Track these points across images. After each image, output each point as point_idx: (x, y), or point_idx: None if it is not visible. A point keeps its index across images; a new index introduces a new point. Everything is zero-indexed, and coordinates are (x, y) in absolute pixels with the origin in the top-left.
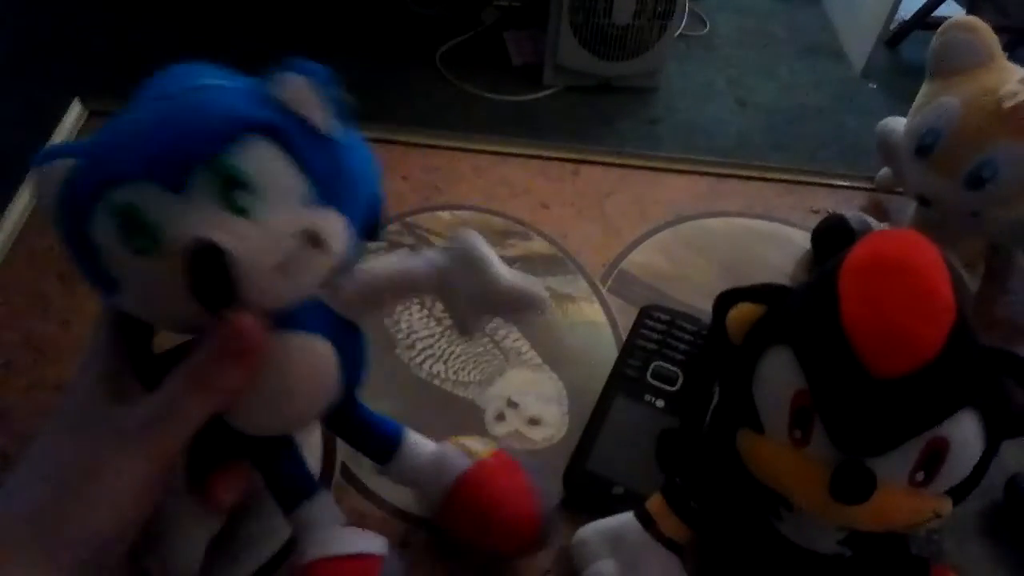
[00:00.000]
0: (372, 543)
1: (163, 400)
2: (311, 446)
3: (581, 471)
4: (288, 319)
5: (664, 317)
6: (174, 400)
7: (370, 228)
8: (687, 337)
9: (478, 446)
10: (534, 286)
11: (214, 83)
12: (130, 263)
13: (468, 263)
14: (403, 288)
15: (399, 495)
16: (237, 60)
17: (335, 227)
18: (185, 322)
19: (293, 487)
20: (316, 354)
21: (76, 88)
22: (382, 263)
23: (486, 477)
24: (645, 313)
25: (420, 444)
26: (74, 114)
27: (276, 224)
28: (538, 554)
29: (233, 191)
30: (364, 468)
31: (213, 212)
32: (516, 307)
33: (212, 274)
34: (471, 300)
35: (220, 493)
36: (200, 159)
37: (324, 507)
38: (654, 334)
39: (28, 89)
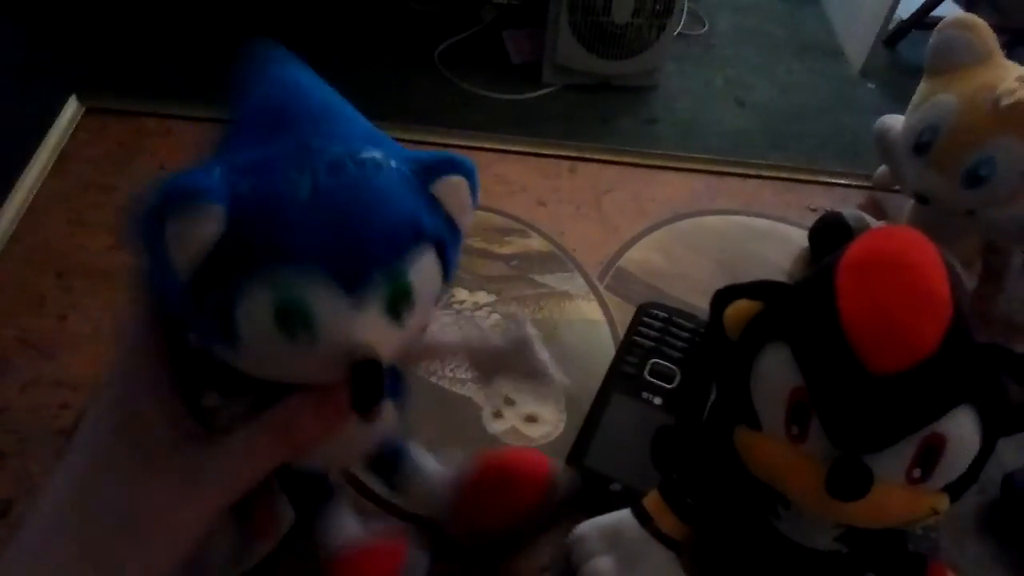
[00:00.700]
0: (394, 530)
1: (243, 449)
2: None
3: (579, 468)
4: None
5: (662, 315)
6: (254, 449)
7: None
8: (685, 335)
9: None
10: (554, 369)
11: (380, 157)
12: (274, 341)
13: (520, 351)
14: (460, 356)
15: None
16: (234, 54)
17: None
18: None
19: (313, 493)
20: (387, 413)
21: (73, 85)
22: (446, 332)
23: (490, 453)
24: (643, 311)
25: (421, 460)
26: (70, 111)
27: (416, 328)
28: (538, 544)
29: (400, 304)
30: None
31: (377, 319)
32: (536, 381)
33: (372, 386)
34: (506, 372)
35: (267, 524)
36: (380, 266)
37: (341, 506)
38: (652, 332)
39: (24, 85)
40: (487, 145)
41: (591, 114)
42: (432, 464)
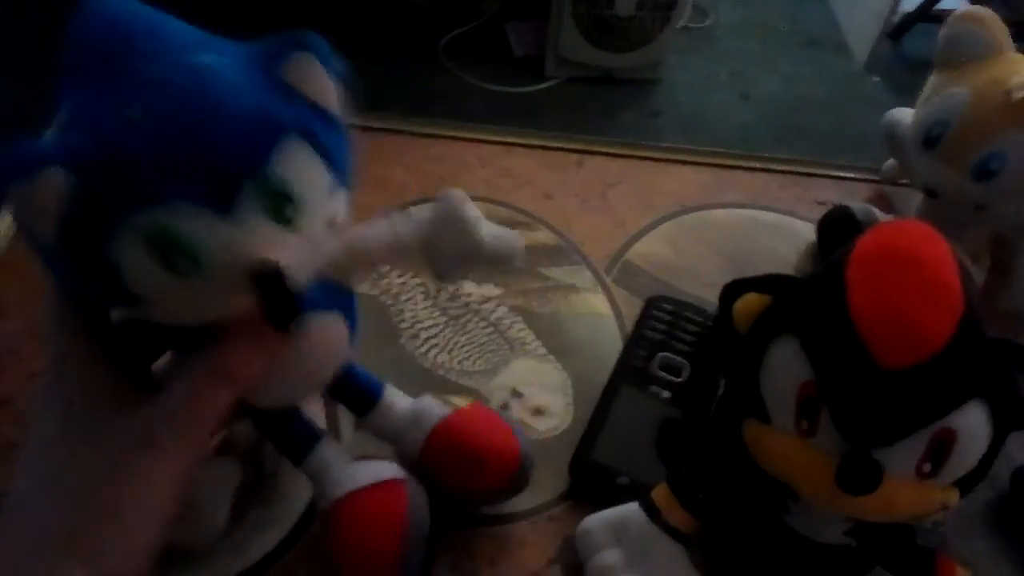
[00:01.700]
0: (390, 468)
1: (186, 398)
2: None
3: (587, 461)
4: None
5: (670, 308)
6: (199, 396)
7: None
8: (694, 328)
9: (456, 399)
10: (514, 241)
11: (210, 59)
12: (166, 283)
13: (454, 223)
14: (392, 248)
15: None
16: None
17: (345, 206)
18: (216, 319)
19: (301, 438)
20: (332, 331)
21: None
22: (371, 226)
23: (465, 420)
24: (651, 304)
25: (399, 397)
26: None
27: (314, 227)
28: (512, 500)
29: (280, 205)
30: (345, 437)
31: (264, 229)
32: (496, 262)
33: (281, 297)
34: (453, 257)
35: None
36: (248, 175)
37: (332, 448)
38: (660, 325)
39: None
40: (493, 138)
41: (594, 107)
42: (406, 403)
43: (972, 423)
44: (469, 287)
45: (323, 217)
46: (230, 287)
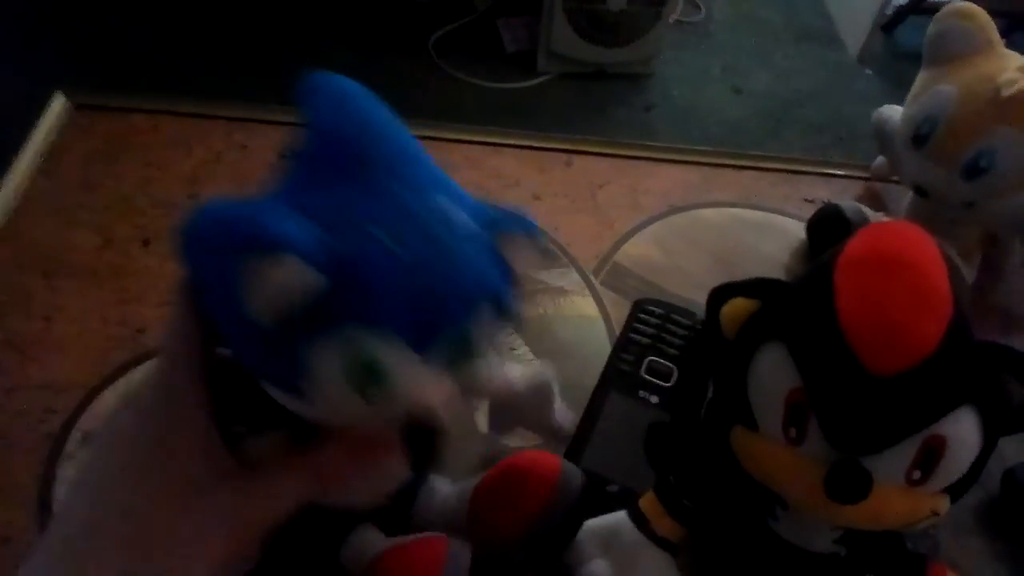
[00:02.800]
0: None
1: (274, 488)
2: None
3: (602, 494)
4: None
5: (658, 311)
6: (286, 489)
7: None
8: (682, 332)
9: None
10: (569, 421)
11: (455, 212)
12: (339, 394)
13: (540, 396)
14: (492, 395)
15: None
16: (227, 51)
17: None
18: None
19: (339, 525)
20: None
21: (59, 81)
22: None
23: (504, 459)
24: (639, 307)
25: (437, 486)
26: (57, 108)
27: (478, 383)
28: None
29: (463, 359)
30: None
31: (440, 376)
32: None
33: (428, 447)
34: (522, 416)
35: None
36: (450, 327)
37: (367, 528)
38: (648, 328)
39: (9, 81)
40: (481, 138)
41: (587, 102)
42: (447, 485)
43: (962, 429)
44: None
45: (486, 371)
46: (387, 416)
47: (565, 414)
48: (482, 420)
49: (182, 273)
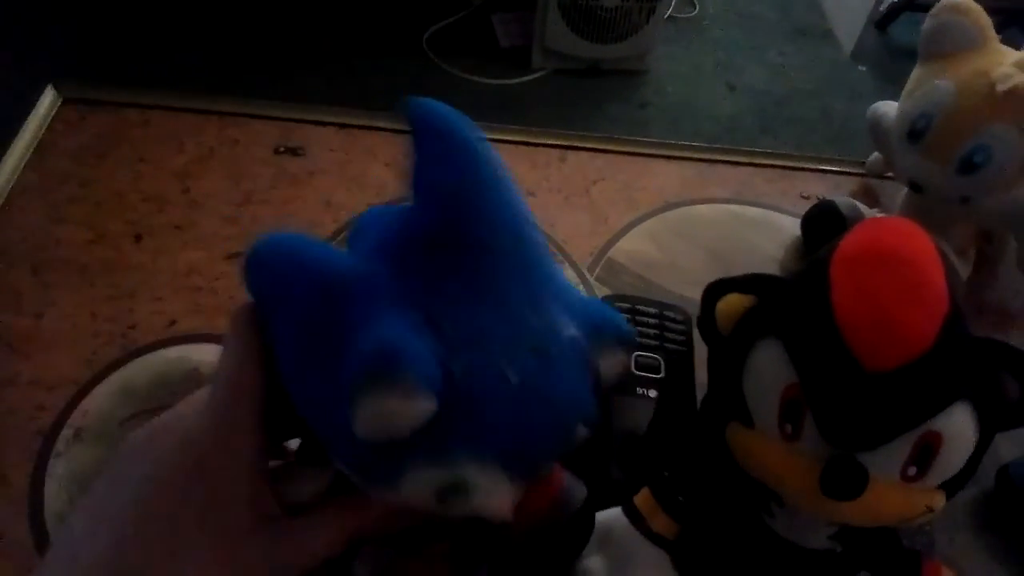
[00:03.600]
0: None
1: (314, 534)
2: None
3: (606, 479)
4: None
5: (626, 306)
6: (326, 537)
7: None
8: (654, 322)
9: None
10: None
11: (573, 336)
12: (415, 496)
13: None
14: None
15: None
16: (220, 46)
17: None
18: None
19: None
20: None
21: (49, 74)
22: None
23: None
24: None
25: None
26: (47, 101)
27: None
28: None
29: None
30: None
31: (514, 491)
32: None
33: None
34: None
35: None
36: (547, 460)
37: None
38: None
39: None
40: None
41: (581, 98)
42: None
43: (958, 425)
44: None
45: None
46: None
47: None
48: None
49: (248, 296)
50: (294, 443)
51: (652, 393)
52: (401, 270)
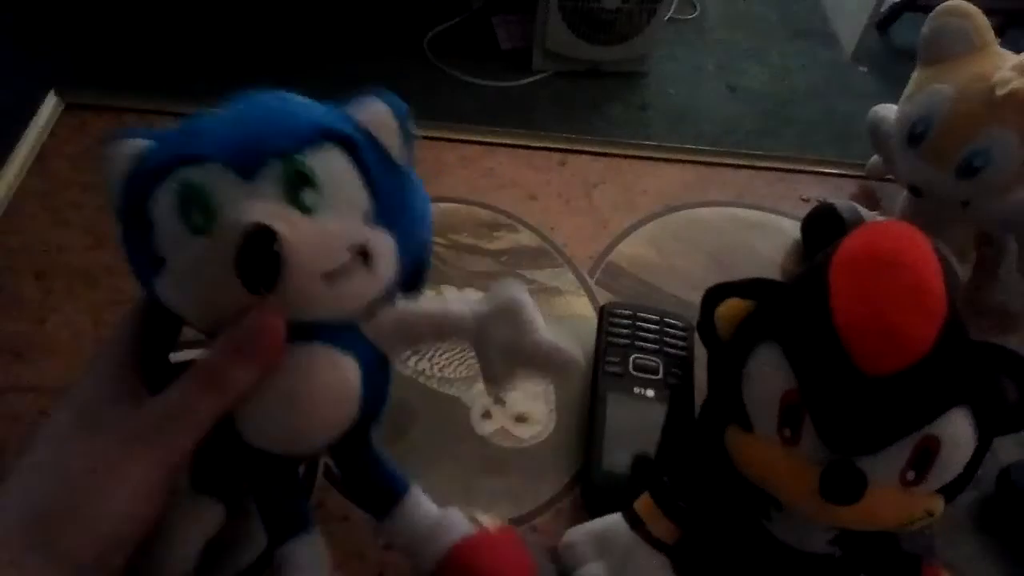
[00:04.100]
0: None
1: (173, 402)
2: None
3: (599, 474)
4: (320, 332)
5: (626, 312)
6: (184, 401)
7: (414, 274)
8: (653, 327)
9: (486, 519)
10: (570, 347)
11: (299, 98)
12: (182, 240)
13: (509, 314)
14: (441, 328)
15: None
16: (221, 51)
17: (387, 250)
18: (218, 311)
19: (285, 520)
20: (340, 368)
21: (51, 80)
22: (423, 302)
23: (487, 545)
24: (607, 312)
25: (423, 500)
26: (50, 107)
27: (333, 228)
28: None
29: (300, 188)
30: None
31: (276, 203)
32: (550, 366)
33: (261, 255)
34: (506, 352)
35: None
36: (275, 152)
37: (311, 548)
38: (623, 330)
39: (2, 80)
40: (475, 138)
41: (582, 101)
42: (431, 509)
43: (956, 430)
44: (450, 292)
45: (349, 230)
46: (226, 244)
47: (554, 339)
48: (479, 390)
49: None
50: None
51: (649, 393)
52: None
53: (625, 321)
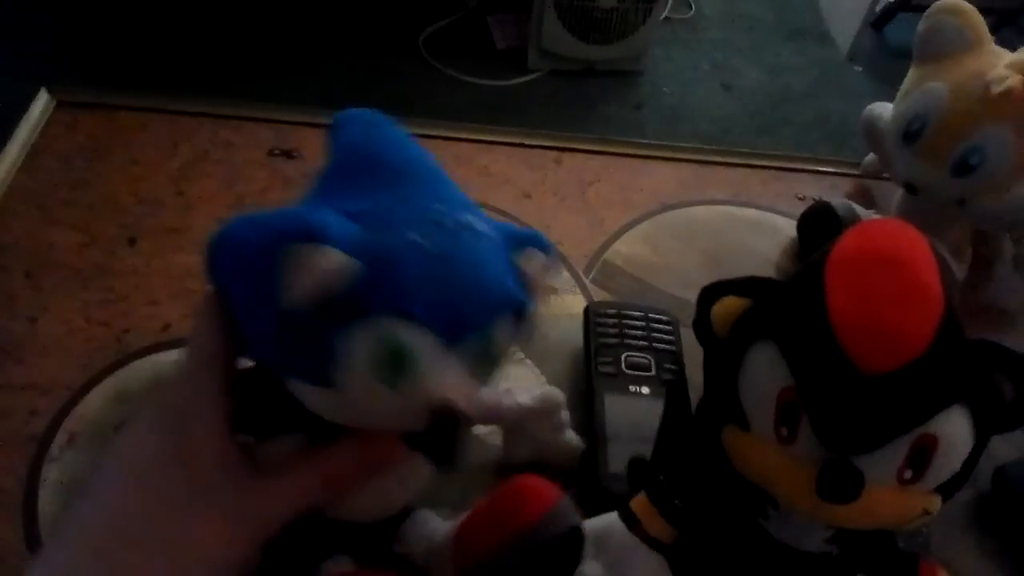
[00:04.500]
0: None
1: (288, 491)
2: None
3: (604, 475)
4: None
5: (612, 311)
6: (299, 493)
7: None
8: (639, 323)
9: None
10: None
11: (477, 222)
12: (366, 382)
13: (549, 415)
14: (490, 417)
15: None
16: (214, 48)
17: None
18: (357, 426)
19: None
20: (424, 469)
21: (43, 77)
22: (484, 393)
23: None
24: (593, 312)
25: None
26: (41, 104)
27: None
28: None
29: (486, 363)
30: None
31: (465, 375)
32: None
33: (449, 440)
34: (533, 441)
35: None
36: (478, 328)
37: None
38: (611, 329)
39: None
40: (471, 136)
41: (577, 99)
42: (436, 519)
43: (954, 428)
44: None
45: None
46: (412, 412)
47: (575, 438)
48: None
49: (209, 284)
50: None
51: (645, 390)
52: (325, 198)
53: (612, 320)
